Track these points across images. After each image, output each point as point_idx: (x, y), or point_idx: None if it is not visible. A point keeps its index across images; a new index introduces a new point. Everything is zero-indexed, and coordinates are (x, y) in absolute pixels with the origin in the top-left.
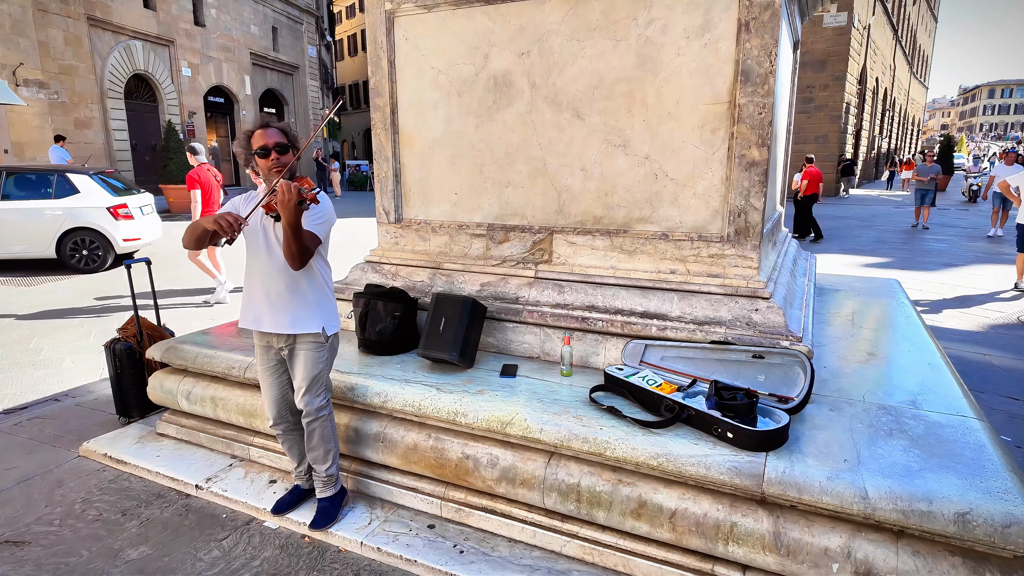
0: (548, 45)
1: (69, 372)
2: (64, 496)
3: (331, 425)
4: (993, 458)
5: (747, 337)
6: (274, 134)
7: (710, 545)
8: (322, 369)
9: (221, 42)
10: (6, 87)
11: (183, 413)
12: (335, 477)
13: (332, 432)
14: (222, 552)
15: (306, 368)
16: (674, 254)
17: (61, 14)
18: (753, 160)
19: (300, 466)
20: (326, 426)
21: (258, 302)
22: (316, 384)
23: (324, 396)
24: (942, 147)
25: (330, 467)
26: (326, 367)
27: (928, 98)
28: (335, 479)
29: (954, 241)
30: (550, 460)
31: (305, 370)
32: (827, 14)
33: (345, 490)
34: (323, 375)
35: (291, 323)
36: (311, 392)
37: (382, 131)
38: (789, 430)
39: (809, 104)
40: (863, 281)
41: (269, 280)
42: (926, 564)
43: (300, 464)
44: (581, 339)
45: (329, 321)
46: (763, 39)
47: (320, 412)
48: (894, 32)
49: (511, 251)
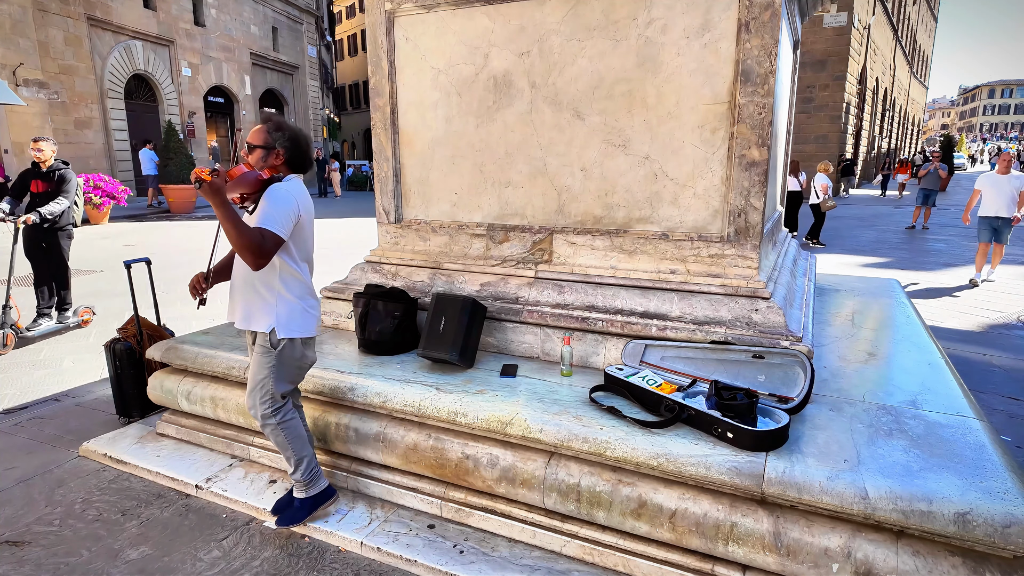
0: (548, 45)
1: (69, 372)
2: (64, 496)
3: (288, 432)
4: (993, 458)
5: (747, 337)
6: (254, 134)
7: (710, 545)
8: (265, 376)
9: (221, 42)
10: (6, 87)
11: (183, 413)
12: (303, 483)
13: (289, 439)
14: (222, 552)
15: (252, 370)
16: (674, 254)
17: (61, 14)
18: (753, 160)
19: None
20: (278, 434)
21: (231, 291)
22: (256, 390)
23: (269, 404)
24: (942, 147)
25: (294, 472)
26: (270, 375)
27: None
28: (305, 484)
29: (954, 241)
30: (550, 460)
31: (251, 372)
32: (827, 14)
33: (325, 494)
34: (266, 382)
35: (243, 318)
36: (252, 397)
37: (382, 131)
38: (789, 430)
39: (809, 104)
40: (863, 281)
41: (237, 270)
42: (926, 564)
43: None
44: (581, 339)
45: (285, 325)
46: (763, 39)
47: (266, 420)
48: (894, 32)
49: (511, 251)
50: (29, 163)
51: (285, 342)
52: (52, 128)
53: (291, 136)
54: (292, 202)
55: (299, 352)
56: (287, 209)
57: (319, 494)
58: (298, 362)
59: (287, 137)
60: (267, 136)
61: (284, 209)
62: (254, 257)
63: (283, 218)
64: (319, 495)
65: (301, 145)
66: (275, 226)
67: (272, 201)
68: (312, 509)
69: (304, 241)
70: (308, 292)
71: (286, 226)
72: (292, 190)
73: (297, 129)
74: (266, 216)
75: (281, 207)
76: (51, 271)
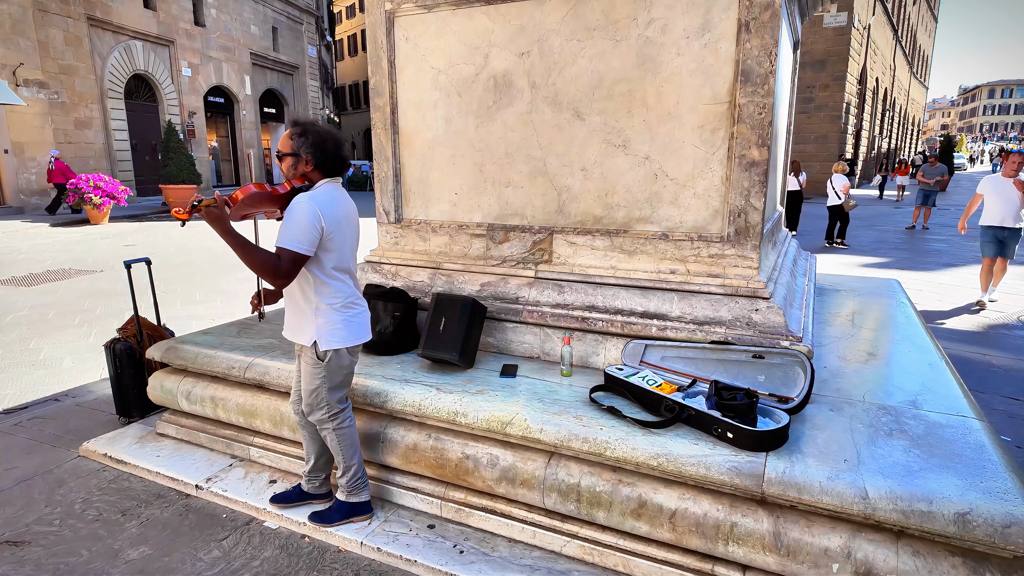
0: (548, 45)
1: (69, 372)
2: (64, 496)
3: (341, 438)
4: (993, 458)
5: (747, 337)
6: (282, 141)
7: (710, 545)
8: (318, 386)
9: (221, 42)
10: (6, 87)
11: (183, 413)
12: (347, 489)
13: (342, 445)
14: (222, 552)
15: (304, 380)
16: (674, 254)
17: (61, 14)
18: (753, 160)
19: (307, 465)
20: (333, 438)
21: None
22: (311, 397)
23: (325, 411)
24: (942, 147)
25: (341, 476)
26: (323, 385)
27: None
28: (347, 490)
29: (954, 241)
30: (550, 460)
31: (303, 382)
32: (827, 14)
33: (362, 507)
34: (319, 391)
35: (289, 330)
36: (308, 405)
37: (382, 131)
38: (789, 430)
39: (809, 104)
40: (863, 281)
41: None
42: (926, 564)
43: (307, 463)
44: (581, 339)
45: (326, 338)
46: (763, 39)
47: (322, 425)
48: (894, 32)
49: (511, 251)
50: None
51: (331, 353)
52: (52, 128)
53: (315, 141)
54: (310, 214)
55: (346, 360)
56: (304, 223)
57: (358, 504)
58: (346, 369)
59: (311, 142)
60: (291, 143)
61: (301, 224)
62: (272, 278)
63: (299, 233)
64: (357, 505)
65: (328, 147)
66: (291, 243)
67: (288, 216)
68: (347, 516)
69: (339, 250)
70: (349, 301)
71: (304, 241)
72: (316, 199)
73: (325, 131)
74: (282, 234)
75: (297, 222)
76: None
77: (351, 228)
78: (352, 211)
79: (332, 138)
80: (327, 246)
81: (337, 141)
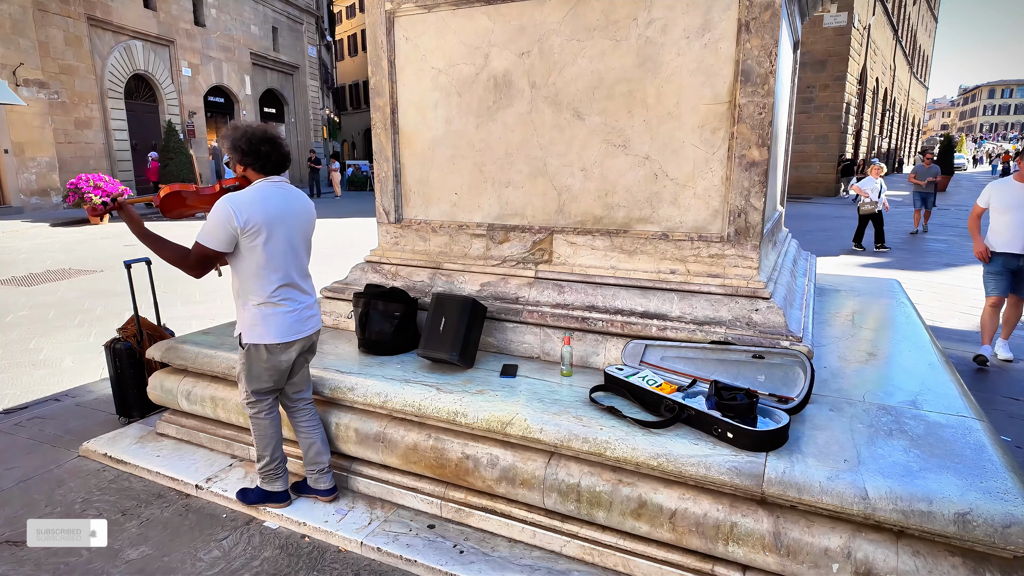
0: (548, 45)
1: (69, 372)
2: (64, 496)
3: (255, 428)
4: (993, 458)
5: (747, 337)
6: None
7: (710, 545)
8: (239, 372)
9: (221, 42)
10: (6, 87)
11: (183, 413)
12: (260, 476)
13: (255, 434)
14: (222, 552)
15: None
16: (674, 254)
17: (61, 14)
18: (753, 160)
19: (304, 458)
20: (251, 426)
21: None
22: (238, 379)
23: (244, 397)
24: (942, 147)
25: (256, 463)
26: (242, 372)
27: (928, 98)
28: (260, 477)
29: (954, 241)
30: (550, 460)
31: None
32: (827, 14)
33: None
34: (240, 378)
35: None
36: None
37: (382, 131)
38: (789, 430)
39: (809, 104)
40: (863, 281)
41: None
42: (926, 564)
43: (304, 455)
44: (581, 339)
45: (247, 331)
46: (763, 39)
47: (247, 407)
48: (894, 32)
49: (511, 251)
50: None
51: (250, 346)
52: (52, 128)
53: (234, 144)
54: (222, 214)
55: (265, 355)
56: (214, 221)
57: (271, 492)
58: (266, 364)
59: (237, 147)
60: (225, 148)
61: (211, 222)
62: (184, 270)
63: (211, 230)
64: (270, 493)
65: (261, 149)
66: (201, 238)
67: (209, 215)
68: (258, 501)
69: (266, 248)
70: (274, 300)
71: (212, 238)
72: (233, 200)
73: (258, 132)
74: (201, 229)
75: (210, 220)
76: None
77: (287, 228)
78: (294, 210)
79: (266, 138)
80: (249, 244)
81: (272, 140)
